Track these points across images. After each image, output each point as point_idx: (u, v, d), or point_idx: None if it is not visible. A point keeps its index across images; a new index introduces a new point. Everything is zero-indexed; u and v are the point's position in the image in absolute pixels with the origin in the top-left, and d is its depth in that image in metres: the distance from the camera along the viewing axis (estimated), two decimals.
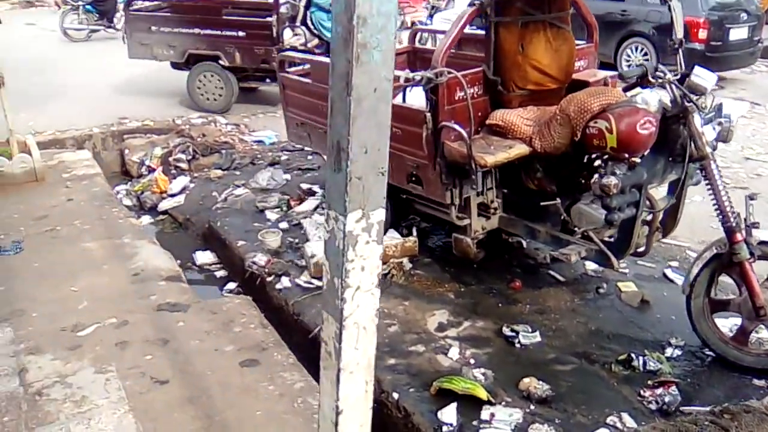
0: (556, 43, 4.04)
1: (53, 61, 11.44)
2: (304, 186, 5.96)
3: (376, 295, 1.69)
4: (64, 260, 4.42)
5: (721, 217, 3.36)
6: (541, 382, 3.33)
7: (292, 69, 5.38)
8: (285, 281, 4.48)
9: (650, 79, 3.34)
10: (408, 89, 4.38)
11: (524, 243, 4.76)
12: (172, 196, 6.42)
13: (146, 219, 6.24)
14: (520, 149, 3.83)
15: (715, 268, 3.45)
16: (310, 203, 5.58)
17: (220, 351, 3.44)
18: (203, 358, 3.39)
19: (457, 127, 3.72)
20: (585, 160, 4.04)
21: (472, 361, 3.57)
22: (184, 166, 6.81)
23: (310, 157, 6.71)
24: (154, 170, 6.81)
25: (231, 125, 8.00)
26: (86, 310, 3.81)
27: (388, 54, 1.39)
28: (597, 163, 3.83)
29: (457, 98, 3.86)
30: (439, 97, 3.77)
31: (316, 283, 4.36)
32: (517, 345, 3.70)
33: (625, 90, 3.75)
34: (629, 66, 9.88)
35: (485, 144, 3.87)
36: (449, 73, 3.73)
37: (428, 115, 3.81)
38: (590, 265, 4.41)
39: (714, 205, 3.41)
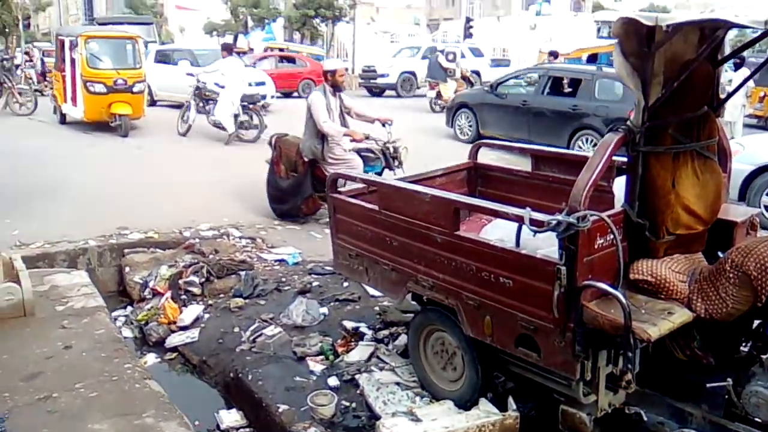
0: (704, 177, 3.26)
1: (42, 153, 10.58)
2: (348, 324, 4.98)
3: None
4: None
5: None
6: None
7: (345, 189, 4.53)
8: None
9: None
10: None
11: (644, 415, 3.83)
12: (184, 328, 5.37)
13: (152, 357, 5.19)
14: (682, 315, 2.96)
15: None
16: (361, 350, 4.57)
17: None
18: None
19: (613, 291, 2.84)
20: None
21: None
22: (196, 290, 5.79)
23: (346, 284, 5.75)
24: (160, 294, 5.77)
25: (246, 239, 7.05)
26: None
27: None
28: None
29: (597, 246, 3.01)
30: (579, 247, 2.91)
31: None
32: None
33: None
34: None
35: (633, 307, 2.99)
36: (592, 215, 2.89)
37: (563, 268, 2.93)
38: None
39: None
